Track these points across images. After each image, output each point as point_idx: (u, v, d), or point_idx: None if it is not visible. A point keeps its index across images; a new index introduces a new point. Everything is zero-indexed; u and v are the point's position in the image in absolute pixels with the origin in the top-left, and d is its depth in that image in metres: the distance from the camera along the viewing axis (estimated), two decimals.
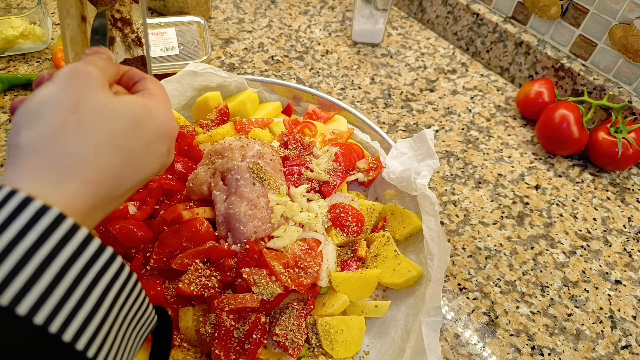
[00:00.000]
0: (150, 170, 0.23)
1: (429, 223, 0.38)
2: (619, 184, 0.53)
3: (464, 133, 0.56)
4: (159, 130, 0.23)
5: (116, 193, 0.21)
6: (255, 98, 0.50)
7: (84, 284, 0.18)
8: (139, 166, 0.22)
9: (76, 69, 0.21)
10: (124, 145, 0.21)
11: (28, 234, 0.17)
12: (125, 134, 0.21)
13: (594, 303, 0.42)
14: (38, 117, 0.20)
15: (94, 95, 0.21)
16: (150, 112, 0.23)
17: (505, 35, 0.61)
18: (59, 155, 0.19)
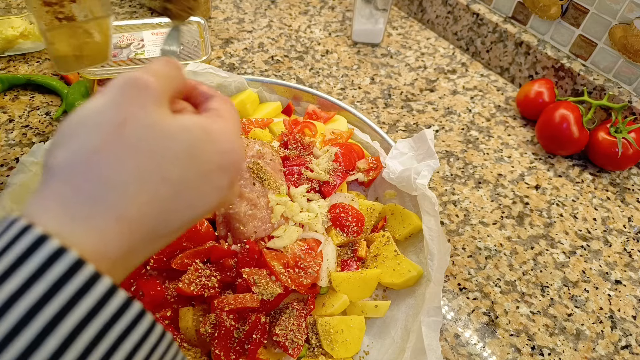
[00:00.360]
0: (206, 206, 0.19)
1: (429, 223, 0.38)
2: (619, 184, 0.53)
3: (464, 133, 0.56)
4: (220, 160, 0.19)
5: (160, 233, 0.17)
6: (255, 98, 0.50)
7: (102, 347, 0.14)
8: (191, 201, 0.18)
9: (133, 78, 0.18)
10: (175, 175, 0.17)
11: (35, 284, 0.14)
12: (178, 161, 0.17)
13: (594, 303, 0.42)
14: (76, 135, 0.16)
15: (146, 113, 0.17)
16: (211, 137, 0.19)
17: (505, 35, 0.61)
18: (91, 182, 0.16)
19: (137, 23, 0.55)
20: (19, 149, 0.49)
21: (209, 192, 0.19)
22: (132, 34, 0.54)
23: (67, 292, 0.14)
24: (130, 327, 0.15)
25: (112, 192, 0.16)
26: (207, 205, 0.19)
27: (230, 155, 0.20)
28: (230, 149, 0.20)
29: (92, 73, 0.49)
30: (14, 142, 0.50)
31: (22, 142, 0.50)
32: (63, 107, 0.53)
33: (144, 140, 0.17)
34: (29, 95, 0.55)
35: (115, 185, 0.16)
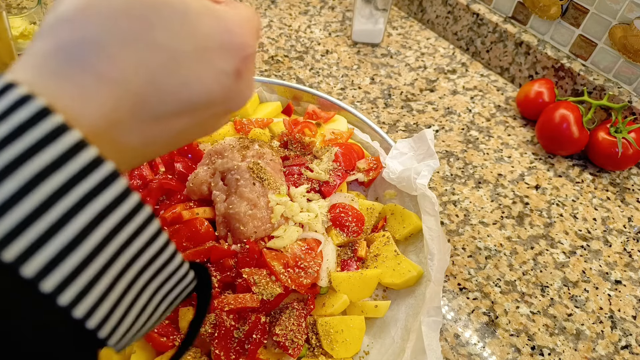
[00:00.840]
0: (204, 89, 0.16)
1: (429, 223, 0.38)
2: (619, 184, 0.53)
3: (464, 133, 0.56)
4: (222, 39, 0.16)
5: (153, 111, 0.15)
6: (255, 98, 0.50)
7: (80, 219, 0.12)
8: (186, 77, 0.16)
9: None
10: (165, 41, 0.15)
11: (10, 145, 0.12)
12: (170, 27, 0.15)
13: (594, 303, 0.42)
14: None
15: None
16: (215, 13, 0.17)
17: (505, 35, 0.61)
18: (70, 41, 0.14)
19: None
20: None
21: (208, 73, 0.16)
22: None
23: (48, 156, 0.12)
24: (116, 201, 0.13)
25: (92, 50, 0.14)
26: (206, 89, 0.16)
27: (235, 37, 0.17)
28: (236, 31, 0.17)
29: None
30: None
31: None
32: None
33: (134, 4, 0.15)
34: None
35: (94, 43, 0.14)
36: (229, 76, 0.17)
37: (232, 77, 0.17)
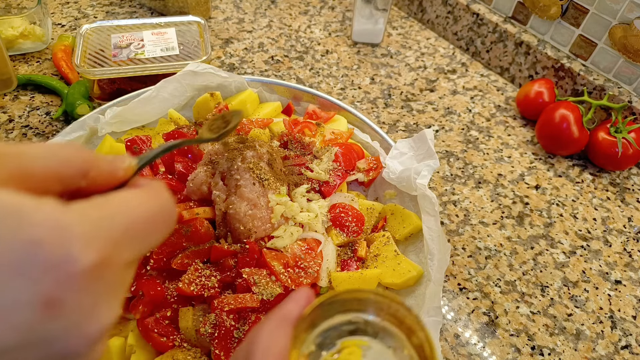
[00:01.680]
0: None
1: (429, 223, 0.38)
2: (619, 184, 0.53)
3: (464, 133, 0.56)
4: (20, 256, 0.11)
5: None
6: (255, 98, 0.50)
7: None
8: None
9: None
10: None
11: None
12: None
13: (594, 303, 0.42)
14: None
15: None
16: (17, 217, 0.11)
17: (505, 35, 0.61)
18: None
19: (137, 23, 0.55)
20: None
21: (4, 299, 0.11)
22: (132, 34, 0.54)
23: None
24: None
25: None
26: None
27: (45, 250, 0.11)
28: (51, 240, 0.12)
29: (92, 73, 0.49)
30: (13, 142, 0.50)
31: (23, 142, 0.50)
32: (63, 107, 0.52)
33: None
34: (29, 95, 0.55)
35: None
36: (29, 312, 0.12)
37: (37, 313, 0.12)
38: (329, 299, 0.17)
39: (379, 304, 0.17)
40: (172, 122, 0.46)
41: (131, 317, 0.35)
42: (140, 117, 0.46)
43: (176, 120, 0.46)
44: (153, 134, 0.44)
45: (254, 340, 0.15)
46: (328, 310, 0.17)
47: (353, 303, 0.17)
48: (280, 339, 0.15)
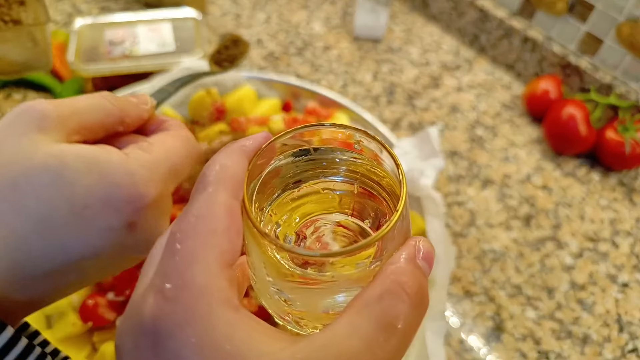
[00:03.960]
0: (88, 249, 0.16)
1: (433, 225, 0.37)
2: (627, 184, 0.52)
3: (469, 131, 0.55)
4: (106, 196, 0.16)
5: (31, 272, 0.15)
6: (253, 95, 0.49)
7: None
8: (61, 241, 0.15)
9: (28, 105, 0.16)
10: (33, 209, 0.15)
11: None
12: (38, 193, 0.15)
13: (601, 306, 0.42)
14: None
15: (17, 140, 0.15)
16: (98, 168, 0.16)
17: (511, 32, 0.59)
18: None
19: (132, 19, 0.54)
20: None
21: (89, 233, 0.16)
22: (126, 29, 0.52)
23: None
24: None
25: None
26: (90, 249, 0.16)
27: (123, 190, 0.16)
28: (126, 183, 0.16)
29: (86, 70, 0.48)
30: None
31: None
32: None
33: (6, 167, 0.15)
34: (22, 93, 0.53)
35: None
36: (117, 231, 0.16)
37: (122, 231, 0.16)
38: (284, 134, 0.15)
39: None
40: None
41: None
42: None
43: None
44: None
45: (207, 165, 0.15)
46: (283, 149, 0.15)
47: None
48: (237, 162, 0.14)
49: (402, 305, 0.12)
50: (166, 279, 0.12)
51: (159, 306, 0.12)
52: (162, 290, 0.12)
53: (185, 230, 0.13)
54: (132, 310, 0.13)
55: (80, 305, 0.33)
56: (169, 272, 0.12)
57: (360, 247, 0.12)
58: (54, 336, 0.33)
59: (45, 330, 0.34)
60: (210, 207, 0.13)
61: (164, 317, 0.12)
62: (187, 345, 0.11)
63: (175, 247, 0.12)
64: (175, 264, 0.12)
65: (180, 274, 0.12)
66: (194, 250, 0.12)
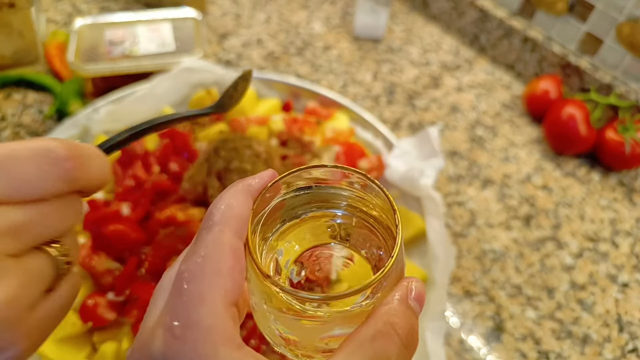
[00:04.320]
0: None
1: (433, 225, 0.37)
2: (627, 184, 0.52)
3: (469, 131, 0.55)
4: None
5: None
6: (253, 95, 0.49)
7: None
8: None
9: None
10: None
11: None
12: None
13: (601, 306, 0.41)
14: None
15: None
16: None
17: (511, 32, 0.59)
18: None
19: (132, 18, 0.54)
20: None
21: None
22: (126, 29, 0.52)
23: None
24: None
25: None
26: None
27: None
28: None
29: (86, 70, 0.48)
30: (6, 141, 0.48)
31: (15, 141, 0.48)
32: (56, 105, 0.51)
33: None
34: (22, 93, 0.53)
35: None
36: None
37: None
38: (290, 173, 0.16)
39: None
40: None
41: (125, 321, 0.34)
42: (134, 115, 0.44)
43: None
44: None
45: (214, 203, 0.15)
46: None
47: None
48: (242, 203, 0.14)
49: (394, 347, 0.13)
50: (175, 317, 0.12)
51: (167, 344, 0.12)
52: (171, 328, 0.12)
53: (192, 270, 0.13)
54: (141, 344, 0.13)
55: (80, 305, 0.33)
56: (178, 311, 0.13)
57: (356, 291, 0.13)
58: (54, 336, 0.33)
59: None
60: (216, 248, 0.13)
61: (173, 354, 0.12)
62: None
63: (183, 286, 0.13)
64: (184, 303, 0.12)
65: (188, 313, 0.12)
66: (202, 291, 0.12)
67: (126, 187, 0.38)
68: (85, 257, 0.34)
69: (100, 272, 0.34)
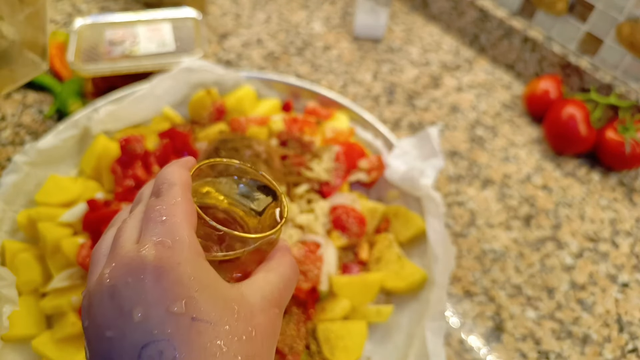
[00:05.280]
0: None
1: (433, 225, 0.37)
2: (627, 184, 0.52)
3: (469, 131, 0.55)
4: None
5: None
6: (253, 95, 0.49)
7: None
8: None
9: None
10: None
11: None
12: None
13: (601, 306, 0.41)
14: None
15: None
16: None
17: (511, 32, 0.59)
18: None
19: (132, 18, 0.54)
20: (11, 149, 0.48)
21: None
22: (126, 29, 0.52)
23: None
24: None
25: None
26: None
27: None
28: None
29: (86, 70, 0.48)
30: (6, 141, 0.48)
31: (15, 141, 0.48)
32: (56, 105, 0.51)
33: None
34: (22, 93, 0.53)
35: None
36: None
37: None
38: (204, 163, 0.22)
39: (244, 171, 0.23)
40: (167, 120, 0.45)
41: None
42: (134, 115, 0.44)
43: (171, 118, 0.45)
44: (148, 132, 0.43)
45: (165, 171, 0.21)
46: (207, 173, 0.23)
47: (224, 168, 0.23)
48: (186, 172, 0.20)
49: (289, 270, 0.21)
50: (163, 236, 0.17)
51: (160, 252, 0.17)
52: (162, 242, 0.17)
53: (167, 209, 0.18)
54: (127, 260, 0.17)
55: (80, 305, 0.33)
56: (164, 233, 0.17)
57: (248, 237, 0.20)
58: (54, 336, 0.33)
59: (45, 330, 0.34)
60: (182, 196, 0.19)
61: (166, 258, 0.17)
62: (184, 275, 0.17)
63: (162, 218, 0.18)
64: (167, 228, 0.18)
65: (173, 234, 0.18)
66: (180, 221, 0.18)
67: (126, 187, 0.38)
68: (85, 257, 0.34)
69: None
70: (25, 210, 0.38)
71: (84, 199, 0.38)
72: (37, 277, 0.35)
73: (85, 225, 0.36)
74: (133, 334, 0.15)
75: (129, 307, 0.16)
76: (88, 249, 0.35)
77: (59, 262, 0.35)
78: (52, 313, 0.35)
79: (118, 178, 0.39)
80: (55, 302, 0.34)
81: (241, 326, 0.17)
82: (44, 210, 0.37)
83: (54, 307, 0.34)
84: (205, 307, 0.16)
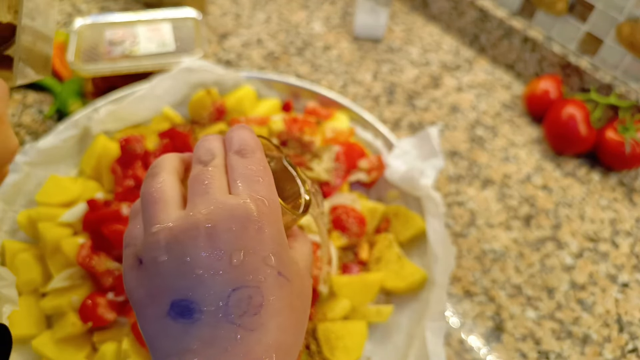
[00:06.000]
0: None
1: (433, 225, 0.37)
2: (627, 184, 0.52)
3: (469, 131, 0.55)
4: None
5: None
6: (253, 95, 0.49)
7: None
8: None
9: None
10: None
11: None
12: None
13: (601, 306, 0.41)
14: None
15: None
16: None
17: (511, 32, 0.59)
18: None
19: (132, 18, 0.54)
20: None
21: None
22: (126, 29, 0.52)
23: None
24: None
25: None
26: None
27: None
28: None
29: (86, 70, 0.48)
30: None
31: None
32: (56, 105, 0.51)
33: None
34: (22, 93, 0.53)
35: None
36: None
37: None
38: None
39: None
40: (167, 120, 0.45)
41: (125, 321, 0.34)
42: (134, 115, 0.44)
43: (171, 118, 0.45)
44: (148, 132, 0.43)
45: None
46: None
47: None
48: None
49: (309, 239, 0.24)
50: (261, 195, 0.19)
51: (260, 207, 0.19)
52: (262, 200, 0.19)
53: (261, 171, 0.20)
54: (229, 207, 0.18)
55: (80, 305, 0.33)
56: (263, 192, 0.19)
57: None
58: (54, 336, 0.33)
59: (45, 330, 0.34)
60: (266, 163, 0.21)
61: (265, 215, 0.19)
62: (277, 233, 0.19)
63: (258, 179, 0.20)
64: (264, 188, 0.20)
65: (269, 195, 0.19)
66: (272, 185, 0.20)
67: (126, 187, 0.38)
68: (85, 257, 0.34)
69: (100, 272, 0.34)
70: (26, 210, 0.38)
71: (84, 199, 0.38)
72: (37, 277, 0.35)
73: (85, 225, 0.36)
74: (226, 276, 0.17)
75: (229, 251, 0.17)
76: (88, 249, 0.35)
77: (59, 262, 0.35)
78: (52, 313, 0.35)
79: (118, 178, 0.39)
80: (55, 302, 0.34)
81: (300, 286, 0.19)
82: (44, 210, 0.37)
83: (54, 307, 0.34)
84: (287, 265, 0.18)
